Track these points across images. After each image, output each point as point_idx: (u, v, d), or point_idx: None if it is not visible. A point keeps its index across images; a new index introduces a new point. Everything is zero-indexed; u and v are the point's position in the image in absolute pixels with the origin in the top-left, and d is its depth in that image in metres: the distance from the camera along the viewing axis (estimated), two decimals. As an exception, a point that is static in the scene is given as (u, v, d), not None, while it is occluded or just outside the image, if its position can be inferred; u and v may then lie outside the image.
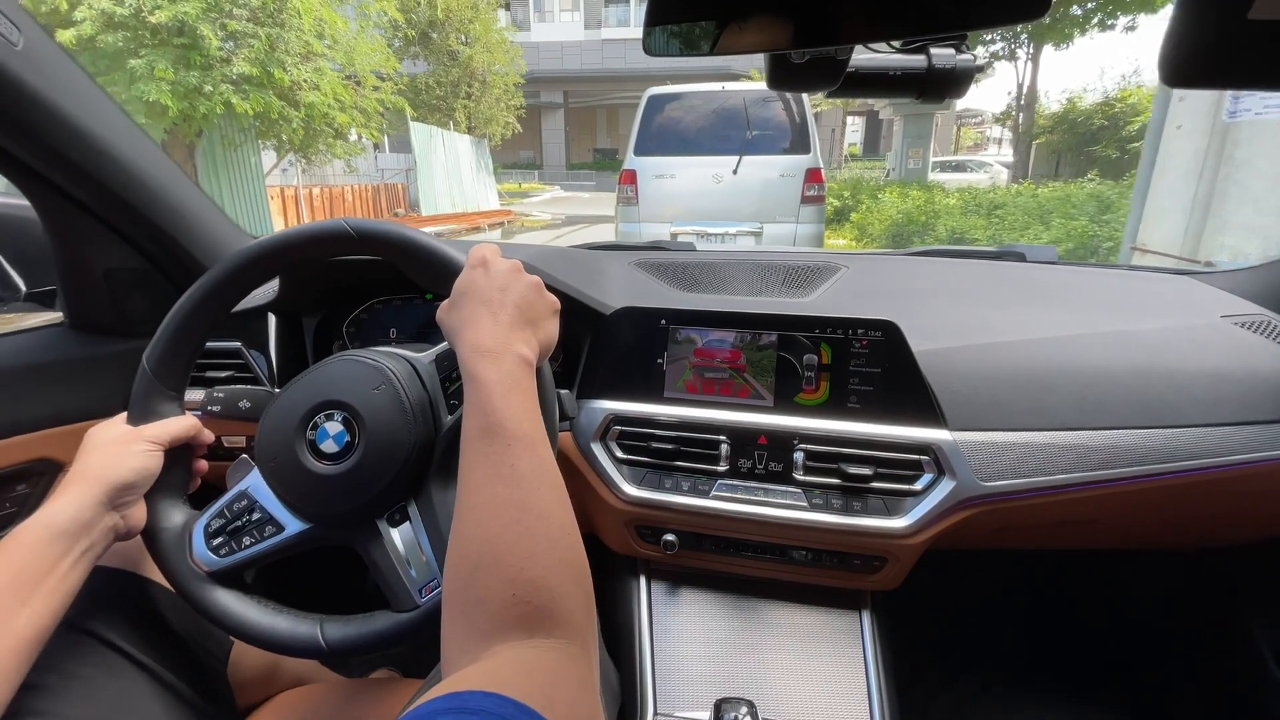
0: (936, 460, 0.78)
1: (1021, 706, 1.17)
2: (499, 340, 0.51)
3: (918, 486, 0.79)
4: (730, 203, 4.93)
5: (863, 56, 0.60)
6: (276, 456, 0.59)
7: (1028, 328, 0.87)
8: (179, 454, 0.64)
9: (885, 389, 0.81)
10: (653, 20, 0.51)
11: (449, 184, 13.45)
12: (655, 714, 0.80)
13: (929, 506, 0.78)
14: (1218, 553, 1.04)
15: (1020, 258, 1.10)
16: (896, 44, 0.61)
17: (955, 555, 0.91)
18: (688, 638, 0.86)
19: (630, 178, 5.12)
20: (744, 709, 0.72)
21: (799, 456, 0.81)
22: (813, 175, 4.93)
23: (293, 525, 0.60)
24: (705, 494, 0.83)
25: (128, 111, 0.80)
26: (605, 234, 11.81)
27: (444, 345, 0.65)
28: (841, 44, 0.54)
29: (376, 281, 0.99)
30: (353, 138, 9.67)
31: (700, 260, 1.03)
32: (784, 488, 0.82)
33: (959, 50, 0.61)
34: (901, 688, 0.83)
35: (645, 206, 5.11)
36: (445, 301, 0.56)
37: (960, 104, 17.81)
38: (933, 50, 0.61)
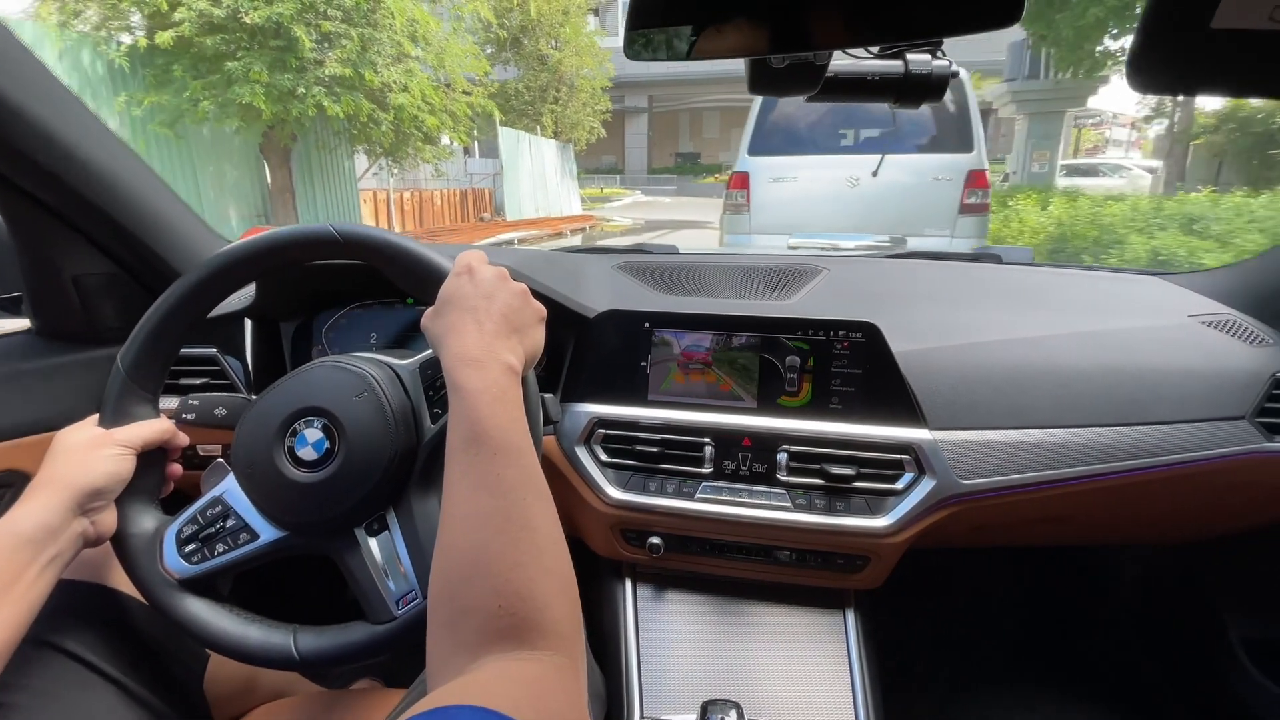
0: (917, 460, 0.80)
1: (1004, 702, 1.17)
2: (484, 348, 0.50)
3: (899, 486, 0.80)
4: (867, 211, 3.99)
5: (841, 62, 0.61)
6: (254, 463, 0.58)
7: (1005, 328, 0.89)
8: (152, 457, 0.62)
9: (866, 390, 0.83)
10: (634, 24, 0.52)
11: (534, 189, 13.46)
12: (641, 717, 0.80)
13: (910, 505, 0.79)
14: (1191, 548, 1.08)
15: (997, 259, 1.13)
16: (874, 50, 0.61)
17: (937, 554, 0.92)
18: (673, 640, 0.87)
19: (741, 182, 4.26)
20: (731, 712, 0.73)
21: (782, 457, 0.82)
22: (975, 179, 3.90)
23: (268, 533, 0.59)
24: (690, 496, 0.84)
25: (80, 106, 0.77)
26: (692, 240, 11.27)
27: (428, 352, 0.64)
28: (819, 49, 0.55)
29: (356, 286, 0.97)
30: (443, 142, 9.39)
31: (682, 263, 1.03)
32: (768, 489, 0.83)
33: (935, 56, 0.61)
34: (886, 686, 0.83)
35: (759, 215, 4.24)
36: (429, 309, 0.56)
37: (1091, 102, 15.70)
38: (909, 56, 0.61)
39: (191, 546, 0.59)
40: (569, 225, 12.56)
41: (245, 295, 0.91)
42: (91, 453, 0.56)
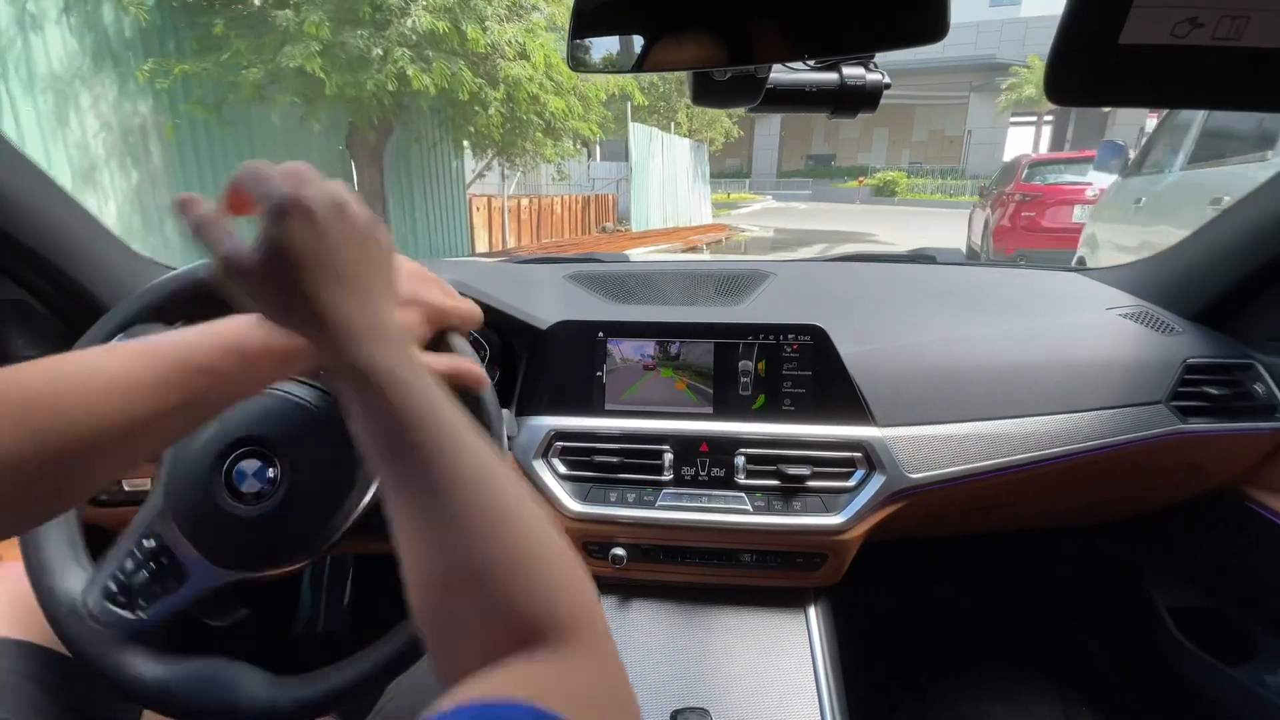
0: (867, 456, 0.85)
1: (959, 687, 1.24)
2: (371, 313, 0.37)
3: (851, 483, 0.84)
4: None
5: (780, 74, 0.64)
6: (187, 497, 0.54)
7: (943, 327, 0.96)
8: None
9: (817, 391, 0.87)
10: (576, 34, 0.52)
11: (663, 195, 11.52)
12: None
13: (863, 501, 0.83)
14: (1120, 526, 1.17)
15: (931, 260, 1.22)
16: (811, 63, 0.64)
17: (890, 548, 0.96)
18: (640, 651, 0.87)
19: None
20: (701, 719, 0.77)
21: (740, 460, 0.85)
22: None
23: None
24: (651, 504, 0.85)
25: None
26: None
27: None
28: (760, 63, 0.58)
29: None
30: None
31: (633, 271, 1.07)
32: (727, 492, 0.86)
33: (868, 69, 0.63)
34: (849, 679, 0.84)
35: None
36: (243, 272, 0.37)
37: None
38: (845, 69, 0.63)
39: (123, 593, 0.53)
40: (701, 236, 11.12)
41: None
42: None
